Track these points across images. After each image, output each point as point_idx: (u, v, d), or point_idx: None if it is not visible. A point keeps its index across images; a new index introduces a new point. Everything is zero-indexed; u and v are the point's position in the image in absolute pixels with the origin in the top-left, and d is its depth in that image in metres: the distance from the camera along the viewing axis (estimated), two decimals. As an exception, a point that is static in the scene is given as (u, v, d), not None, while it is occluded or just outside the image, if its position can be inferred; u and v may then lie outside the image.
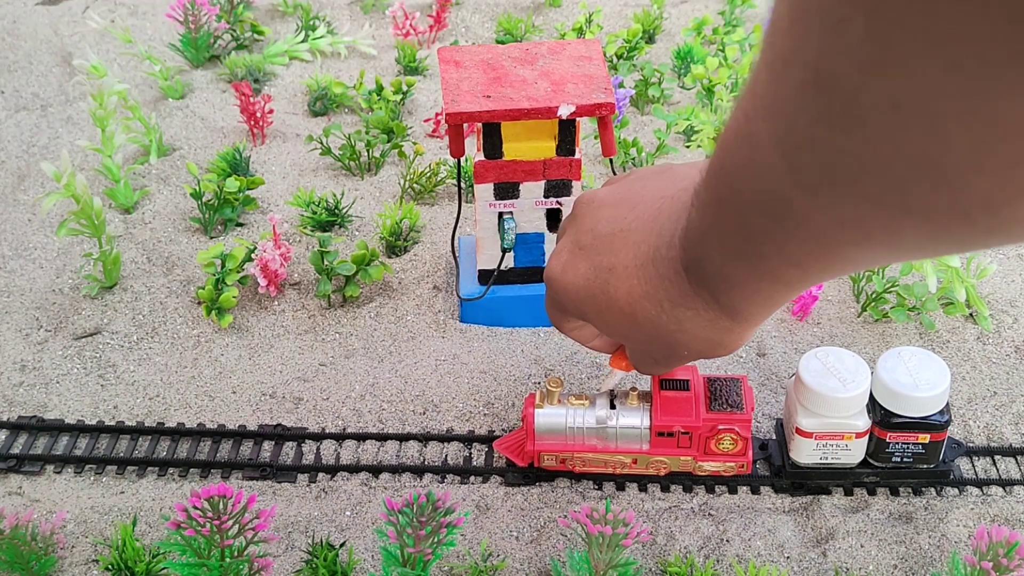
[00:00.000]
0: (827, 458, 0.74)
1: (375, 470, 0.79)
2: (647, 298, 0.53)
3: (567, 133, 0.81)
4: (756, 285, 0.46)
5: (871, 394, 0.72)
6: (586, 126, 1.07)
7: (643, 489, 0.77)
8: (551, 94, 0.78)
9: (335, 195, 1.03)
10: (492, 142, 0.81)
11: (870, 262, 0.40)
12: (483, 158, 0.82)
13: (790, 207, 0.37)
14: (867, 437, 0.73)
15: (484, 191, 0.83)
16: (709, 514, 0.76)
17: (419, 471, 0.79)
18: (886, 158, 0.30)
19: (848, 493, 0.77)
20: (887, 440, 0.73)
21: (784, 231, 0.39)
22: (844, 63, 0.29)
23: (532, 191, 0.84)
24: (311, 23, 1.32)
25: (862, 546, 0.73)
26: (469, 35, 1.35)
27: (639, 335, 0.56)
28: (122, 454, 0.80)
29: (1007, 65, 0.25)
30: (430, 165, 1.06)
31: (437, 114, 1.16)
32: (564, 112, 0.78)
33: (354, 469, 0.79)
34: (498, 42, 1.30)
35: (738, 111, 0.38)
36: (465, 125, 0.82)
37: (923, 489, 0.77)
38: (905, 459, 0.74)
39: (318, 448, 0.81)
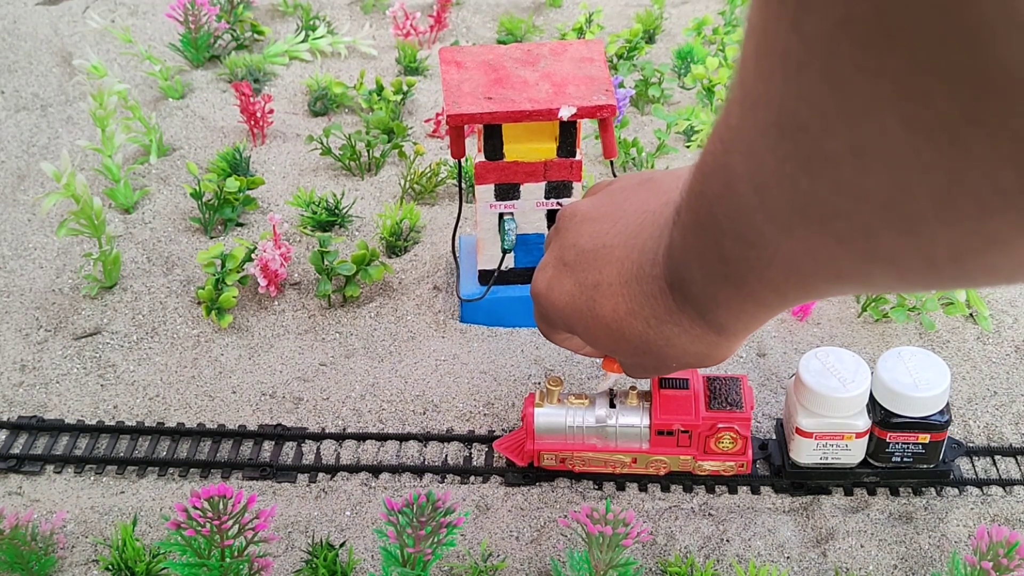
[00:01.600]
0: (827, 458, 0.74)
1: (375, 470, 0.79)
2: (633, 315, 0.53)
3: (568, 135, 0.81)
4: (740, 305, 0.45)
5: (871, 394, 0.73)
6: (587, 126, 1.06)
7: (643, 489, 0.77)
8: (552, 96, 0.78)
9: (335, 195, 1.03)
10: (493, 144, 0.81)
11: (846, 293, 0.40)
12: (484, 159, 0.82)
13: (765, 239, 0.37)
14: (867, 437, 0.73)
15: (485, 192, 0.83)
16: (709, 514, 0.76)
17: (419, 471, 0.79)
18: (851, 203, 0.30)
19: (848, 493, 0.77)
20: (887, 440, 0.73)
21: (761, 260, 0.39)
22: (805, 108, 0.29)
23: (533, 192, 0.84)
24: (311, 23, 1.32)
25: (862, 546, 0.73)
26: (470, 35, 1.35)
27: (627, 349, 0.55)
28: (122, 454, 0.80)
29: (962, 124, 0.25)
30: (430, 165, 1.06)
31: (437, 114, 1.16)
32: (565, 114, 0.78)
33: (354, 469, 0.79)
34: (499, 42, 1.30)
35: (715, 137, 0.38)
36: (466, 126, 0.82)
37: (923, 489, 0.77)
38: (905, 459, 0.74)
39: (318, 448, 0.81)
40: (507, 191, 0.83)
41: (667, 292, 0.50)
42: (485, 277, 0.89)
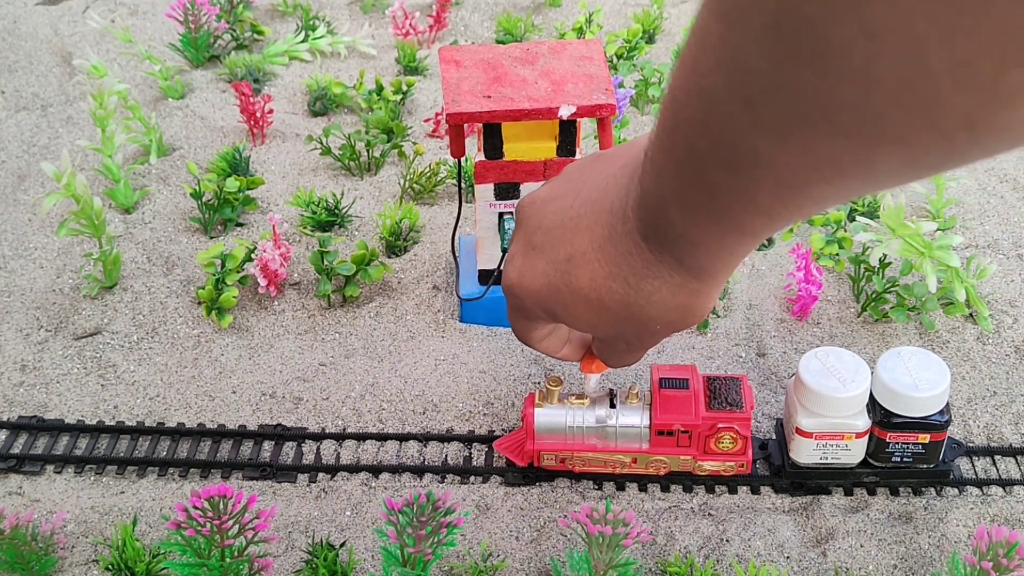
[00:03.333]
0: (827, 458, 0.74)
1: (375, 470, 0.79)
2: (612, 278, 0.52)
3: (568, 134, 0.81)
4: (721, 240, 0.45)
5: (871, 394, 0.73)
6: (586, 126, 1.06)
7: (643, 489, 0.77)
8: (552, 94, 0.78)
9: (335, 195, 1.03)
10: (493, 142, 0.81)
11: (840, 198, 0.39)
12: (483, 158, 0.82)
13: (756, 156, 0.36)
14: (867, 437, 0.73)
15: (484, 191, 0.83)
16: (709, 514, 0.76)
17: (419, 471, 0.79)
18: (861, 91, 0.30)
19: (848, 493, 0.77)
20: (887, 440, 0.73)
21: (750, 181, 0.38)
22: (810, 1, 0.29)
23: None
24: (311, 23, 1.32)
25: (862, 546, 0.73)
26: (469, 35, 1.35)
27: (609, 319, 0.55)
28: (122, 454, 0.80)
29: None
30: (430, 165, 1.06)
31: (437, 114, 1.16)
32: (565, 113, 0.78)
33: (354, 469, 0.79)
34: (498, 42, 1.30)
35: (685, 68, 0.37)
36: (465, 125, 0.82)
37: (923, 489, 0.77)
38: (905, 459, 0.74)
39: (318, 448, 0.81)
40: (507, 190, 0.83)
41: (642, 245, 0.49)
42: (485, 277, 0.89)
